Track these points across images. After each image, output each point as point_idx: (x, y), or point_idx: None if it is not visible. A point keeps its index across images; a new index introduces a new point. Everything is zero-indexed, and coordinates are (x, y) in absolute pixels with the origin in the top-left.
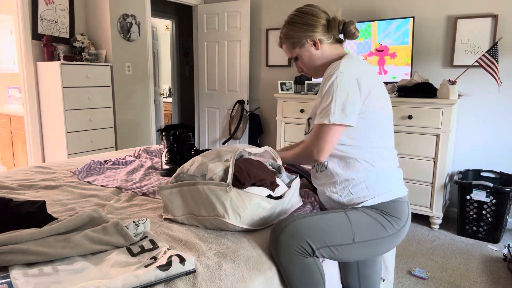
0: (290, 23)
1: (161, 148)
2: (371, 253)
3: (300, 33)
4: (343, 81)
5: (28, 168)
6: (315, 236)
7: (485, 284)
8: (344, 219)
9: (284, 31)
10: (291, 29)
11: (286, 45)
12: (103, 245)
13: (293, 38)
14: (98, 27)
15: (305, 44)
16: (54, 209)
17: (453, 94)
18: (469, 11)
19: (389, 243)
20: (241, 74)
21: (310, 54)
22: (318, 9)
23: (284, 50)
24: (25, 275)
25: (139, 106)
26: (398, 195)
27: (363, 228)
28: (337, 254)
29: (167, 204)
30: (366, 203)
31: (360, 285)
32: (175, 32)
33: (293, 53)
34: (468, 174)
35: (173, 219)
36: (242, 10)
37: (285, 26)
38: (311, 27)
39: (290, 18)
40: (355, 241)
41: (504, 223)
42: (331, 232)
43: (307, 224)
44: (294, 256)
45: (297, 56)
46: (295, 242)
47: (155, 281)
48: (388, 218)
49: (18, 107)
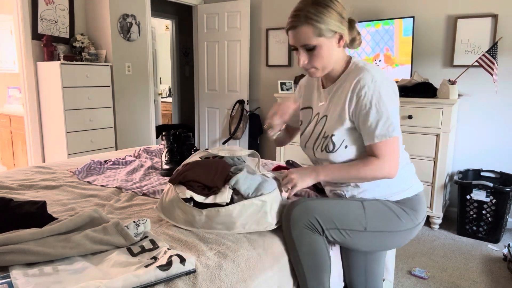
0: (323, 5)
1: (161, 148)
2: (383, 245)
3: (333, 20)
4: (387, 89)
5: (28, 168)
6: (325, 216)
7: (485, 284)
8: (359, 207)
9: (312, 10)
10: (323, 13)
11: (309, 28)
12: (103, 245)
13: (324, 23)
14: (98, 27)
15: (333, 36)
16: (54, 209)
17: (453, 94)
18: (469, 11)
19: (403, 237)
20: (241, 74)
21: (330, 49)
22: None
23: (297, 34)
24: (25, 275)
25: (139, 106)
26: (419, 189)
27: (378, 218)
28: (347, 238)
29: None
30: (390, 199)
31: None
32: (175, 32)
33: (313, 41)
34: (468, 174)
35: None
36: (242, 10)
37: (313, 5)
38: (344, 21)
39: (322, 0)
40: (367, 230)
41: (504, 223)
42: (342, 215)
43: (319, 205)
44: (304, 230)
45: (315, 47)
46: (305, 217)
47: (156, 281)
48: (408, 210)
49: (18, 107)
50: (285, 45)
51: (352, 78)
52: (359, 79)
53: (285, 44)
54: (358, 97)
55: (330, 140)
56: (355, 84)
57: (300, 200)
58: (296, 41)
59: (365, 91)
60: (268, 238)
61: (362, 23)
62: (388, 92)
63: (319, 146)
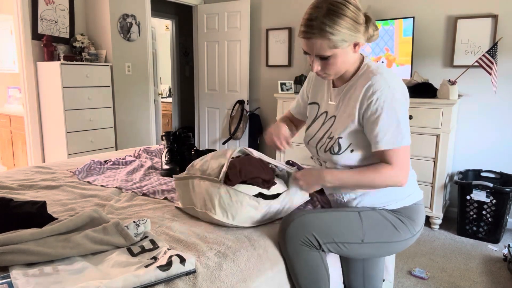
0: (338, 14)
1: (161, 148)
2: (379, 254)
3: (348, 30)
4: (399, 96)
5: (28, 168)
6: (321, 231)
7: (485, 284)
8: (356, 219)
9: (326, 21)
10: (338, 23)
11: (324, 41)
12: (103, 245)
13: (339, 35)
14: (98, 27)
15: (348, 46)
16: (54, 209)
17: (453, 94)
18: (469, 11)
19: (400, 247)
20: (241, 74)
21: (345, 57)
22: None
23: (311, 44)
24: (25, 275)
25: (139, 106)
26: (417, 198)
27: (375, 230)
28: (344, 251)
29: (178, 194)
30: (388, 207)
31: (364, 284)
32: (175, 32)
33: (327, 52)
34: (468, 174)
35: (182, 208)
36: (242, 10)
37: (327, 15)
38: (359, 26)
39: (336, 7)
40: (364, 242)
41: (504, 223)
42: (339, 230)
43: (316, 219)
44: (300, 247)
45: (330, 56)
46: (301, 233)
47: (155, 281)
48: (406, 221)
49: (18, 107)
50: (285, 45)
51: (365, 81)
52: (372, 83)
53: (285, 44)
54: (370, 101)
55: (336, 142)
56: (367, 88)
57: (294, 215)
58: (309, 49)
59: (377, 96)
60: (269, 238)
61: None
62: (400, 99)
63: (322, 146)
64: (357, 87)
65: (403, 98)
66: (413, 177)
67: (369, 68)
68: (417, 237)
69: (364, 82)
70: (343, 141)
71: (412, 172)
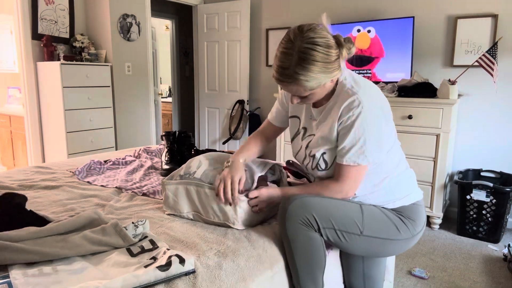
0: (309, 61)
1: (161, 148)
2: (378, 252)
3: (324, 73)
4: (372, 115)
5: (28, 168)
6: (322, 215)
7: (485, 284)
8: (357, 210)
9: (298, 71)
10: (311, 70)
11: (299, 87)
12: (101, 246)
13: (315, 80)
14: (98, 27)
15: (325, 84)
16: (54, 209)
17: (453, 94)
18: (469, 11)
19: (400, 246)
20: (241, 74)
21: (324, 89)
22: (326, 32)
23: (287, 88)
24: (24, 275)
25: (139, 106)
26: (416, 198)
27: (375, 223)
28: (342, 241)
29: (171, 199)
30: (387, 206)
31: (364, 285)
32: (175, 32)
33: (305, 93)
34: (468, 174)
35: (177, 214)
36: (242, 10)
37: (299, 64)
38: (332, 63)
39: (306, 54)
40: (363, 234)
41: (504, 223)
42: (339, 216)
43: (318, 202)
44: (300, 226)
45: (308, 95)
46: (302, 213)
47: (155, 281)
48: (405, 221)
49: (18, 107)
50: None
51: (342, 102)
52: (346, 105)
53: None
54: (344, 119)
55: (321, 159)
56: (343, 109)
57: (297, 195)
58: (286, 91)
59: (349, 116)
60: (268, 238)
61: (362, 23)
62: (372, 117)
63: (309, 164)
64: (335, 108)
65: (377, 114)
66: (412, 178)
67: (344, 88)
68: (418, 239)
69: (341, 103)
70: (327, 156)
71: (411, 172)
